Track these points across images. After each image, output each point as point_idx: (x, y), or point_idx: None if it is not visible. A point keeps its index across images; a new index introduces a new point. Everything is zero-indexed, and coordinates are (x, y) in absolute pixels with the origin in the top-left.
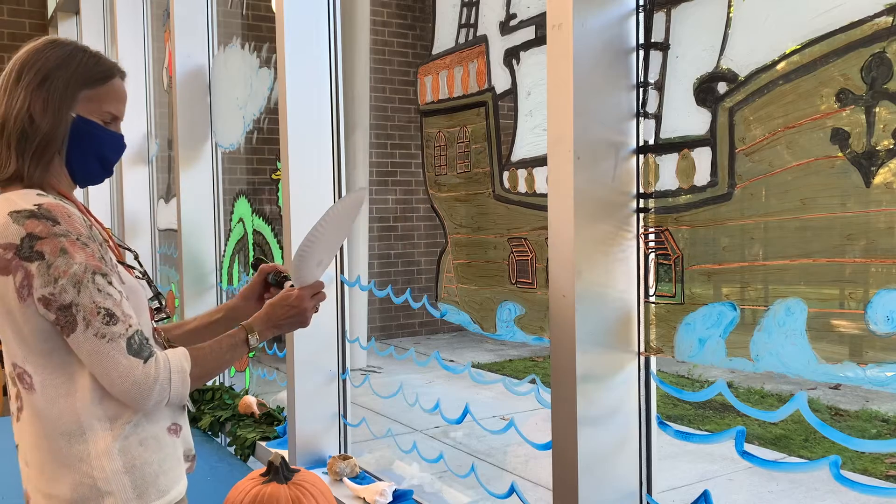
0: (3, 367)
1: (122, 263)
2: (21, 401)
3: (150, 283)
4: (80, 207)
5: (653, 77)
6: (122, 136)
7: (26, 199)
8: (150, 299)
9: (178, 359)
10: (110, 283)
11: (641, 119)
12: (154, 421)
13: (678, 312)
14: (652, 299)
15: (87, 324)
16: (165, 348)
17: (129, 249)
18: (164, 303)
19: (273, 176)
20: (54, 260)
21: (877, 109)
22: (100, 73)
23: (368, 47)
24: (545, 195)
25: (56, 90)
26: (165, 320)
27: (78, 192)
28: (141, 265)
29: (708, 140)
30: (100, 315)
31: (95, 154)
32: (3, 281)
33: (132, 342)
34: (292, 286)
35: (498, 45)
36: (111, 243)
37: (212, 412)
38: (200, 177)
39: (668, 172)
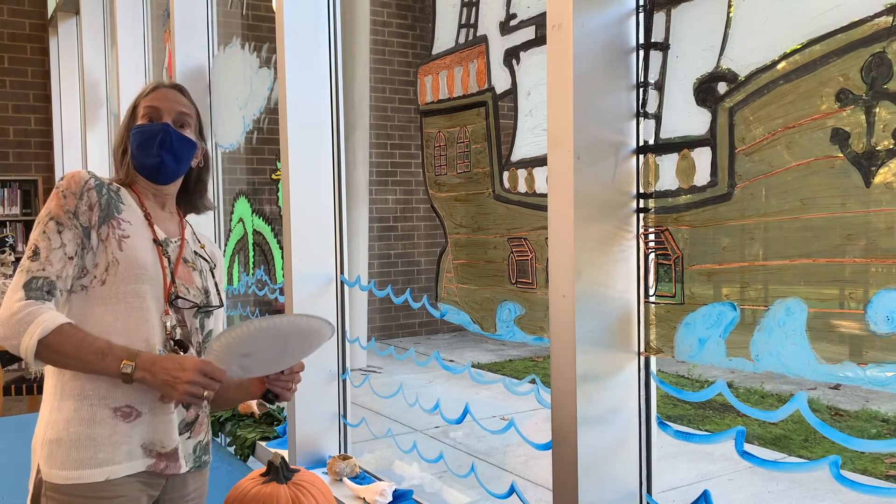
0: (4, 367)
1: (157, 242)
2: None
3: (207, 293)
4: (143, 204)
5: (653, 77)
6: (144, 125)
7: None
8: (196, 306)
9: (50, 320)
10: (60, 233)
11: (641, 119)
12: (106, 395)
13: (678, 312)
14: (652, 299)
15: (23, 253)
16: (172, 344)
17: (204, 259)
18: (203, 301)
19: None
20: (43, 208)
21: (877, 109)
22: (149, 87)
23: (368, 47)
24: (545, 195)
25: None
26: (200, 312)
27: None
28: (213, 276)
29: (708, 140)
30: (30, 249)
31: (132, 150)
32: None
33: (34, 282)
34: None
35: (498, 45)
36: (148, 221)
37: (212, 412)
38: None
39: (668, 172)
